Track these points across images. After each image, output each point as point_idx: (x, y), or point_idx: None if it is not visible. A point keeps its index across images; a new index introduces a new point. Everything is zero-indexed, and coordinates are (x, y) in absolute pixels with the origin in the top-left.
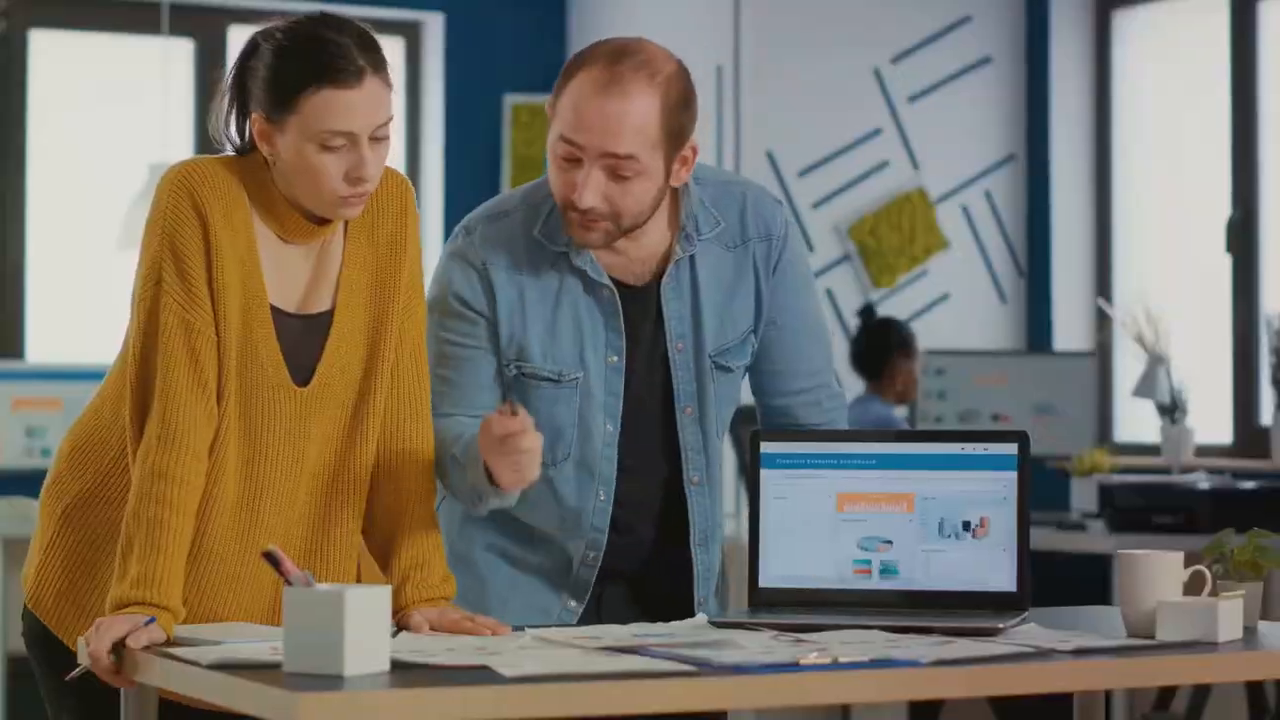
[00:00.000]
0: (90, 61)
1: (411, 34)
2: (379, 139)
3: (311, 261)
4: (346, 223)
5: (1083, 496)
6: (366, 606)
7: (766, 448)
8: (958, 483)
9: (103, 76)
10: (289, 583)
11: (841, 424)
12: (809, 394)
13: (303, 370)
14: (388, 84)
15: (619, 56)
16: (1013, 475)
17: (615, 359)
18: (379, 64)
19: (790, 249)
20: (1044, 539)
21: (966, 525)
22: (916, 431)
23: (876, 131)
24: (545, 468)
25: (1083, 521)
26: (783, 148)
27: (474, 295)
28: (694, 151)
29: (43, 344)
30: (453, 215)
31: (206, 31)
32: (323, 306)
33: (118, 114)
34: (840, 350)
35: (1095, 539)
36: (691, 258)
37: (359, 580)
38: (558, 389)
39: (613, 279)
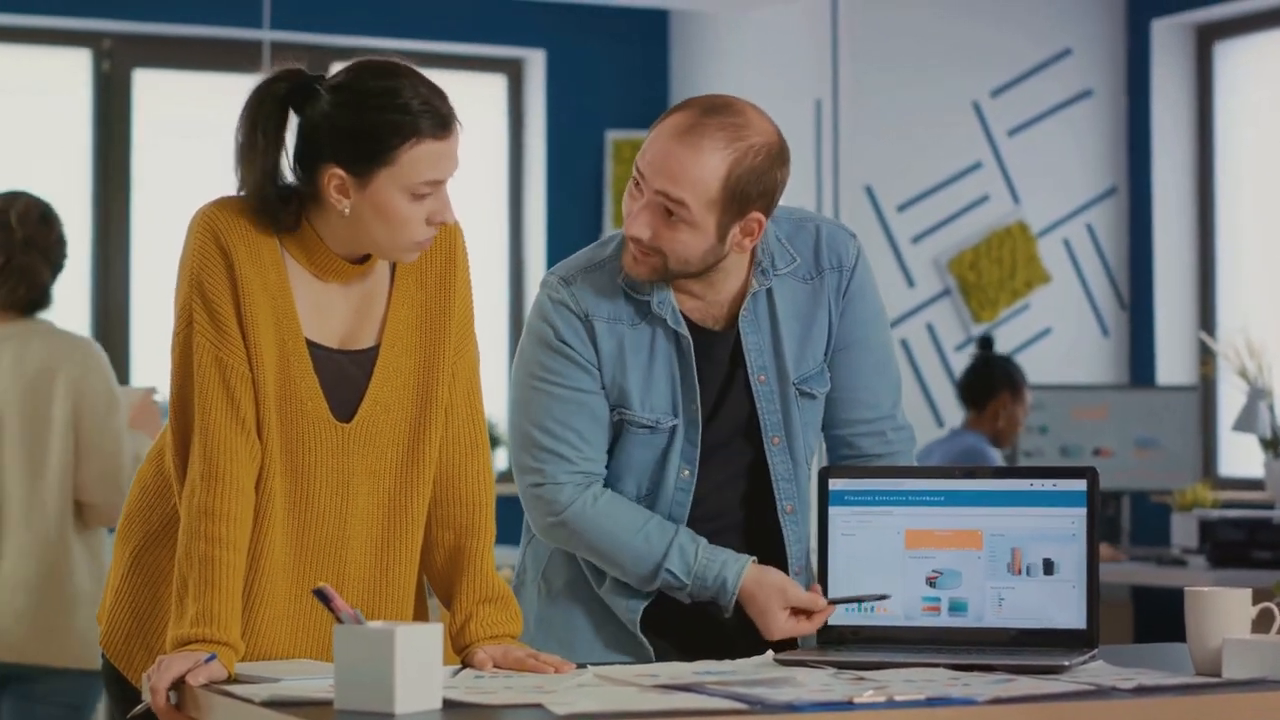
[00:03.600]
0: (192, 100)
1: (513, 71)
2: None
3: (353, 300)
4: (395, 264)
5: (1184, 532)
6: (418, 644)
7: (835, 484)
8: (1027, 519)
9: (205, 114)
10: (340, 620)
11: (907, 458)
12: (872, 424)
13: (346, 406)
14: (461, 128)
15: (713, 110)
16: (1082, 511)
17: (694, 408)
18: (453, 110)
19: (859, 278)
20: (1144, 574)
21: (1036, 562)
22: (985, 468)
23: (976, 165)
24: None
25: (1183, 557)
26: (882, 182)
27: (583, 344)
28: (759, 225)
29: (148, 377)
30: (555, 250)
31: (310, 70)
32: (368, 343)
33: (220, 151)
34: (945, 384)
35: (1195, 574)
36: (769, 291)
37: (421, 619)
38: (652, 435)
39: (695, 324)
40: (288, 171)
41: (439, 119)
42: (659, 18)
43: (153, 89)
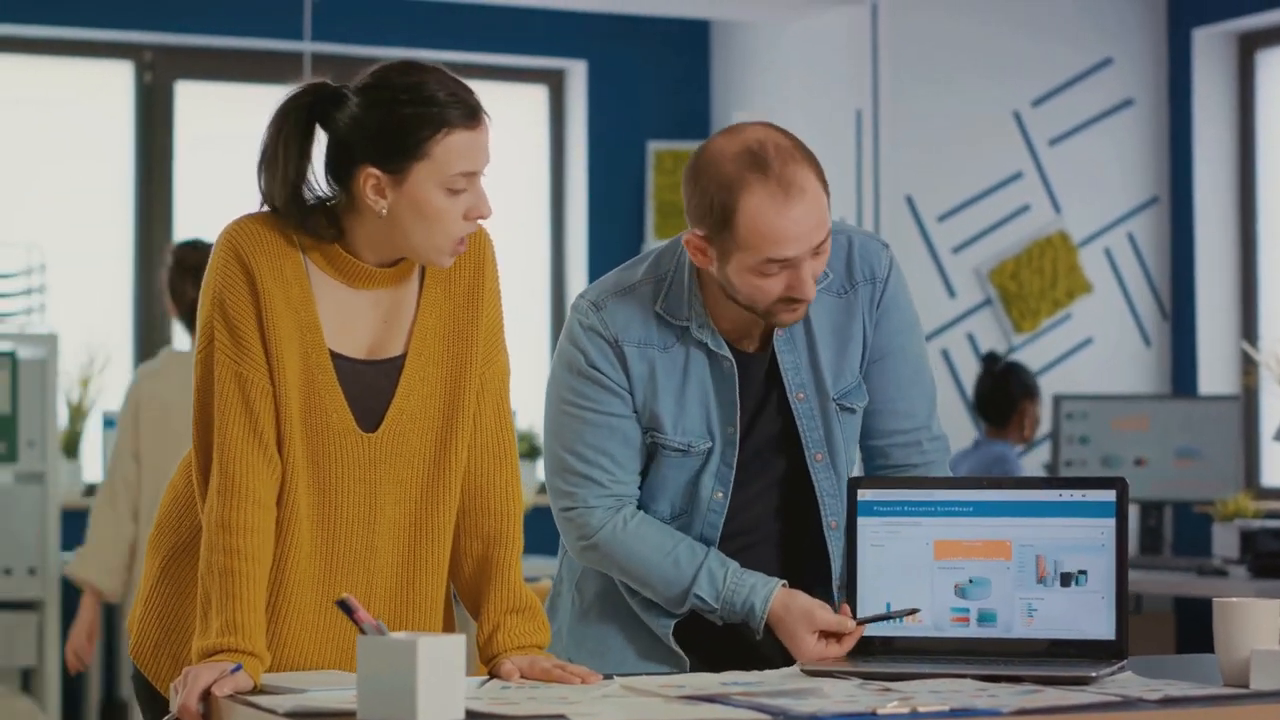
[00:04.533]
0: (234, 111)
1: (555, 82)
2: (482, 176)
3: (381, 308)
4: (423, 272)
5: (1225, 542)
6: (440, 655)
7: (863, 495)
8: (1056, 530)
9: (246, 125)
10: (362, 631)
11: (942, 468)
12: (909, 435)
13: (372, 416)
14: (490, 120)
15: (764, 161)
16: (1111, 522)
17: (731, 430)
18: (481, 105)
19: (893, 289)
20: (1185, 584)
21: (1065, 573)
22: (1014, 479)
23: (1017, 175)
24: None
25: (1224, 567)
26: (922, 192)
27: (613, 369)
28: None
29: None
30: (596, 260)
31: (348, 80)
32: (395, 352)
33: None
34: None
35: (1236, 585)
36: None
37: (449, 630)
38: (685, 458)
39: (731, 347)
40: (318, 185)
41: (467, 109)
42: (700, 28)
43: (194, 100)
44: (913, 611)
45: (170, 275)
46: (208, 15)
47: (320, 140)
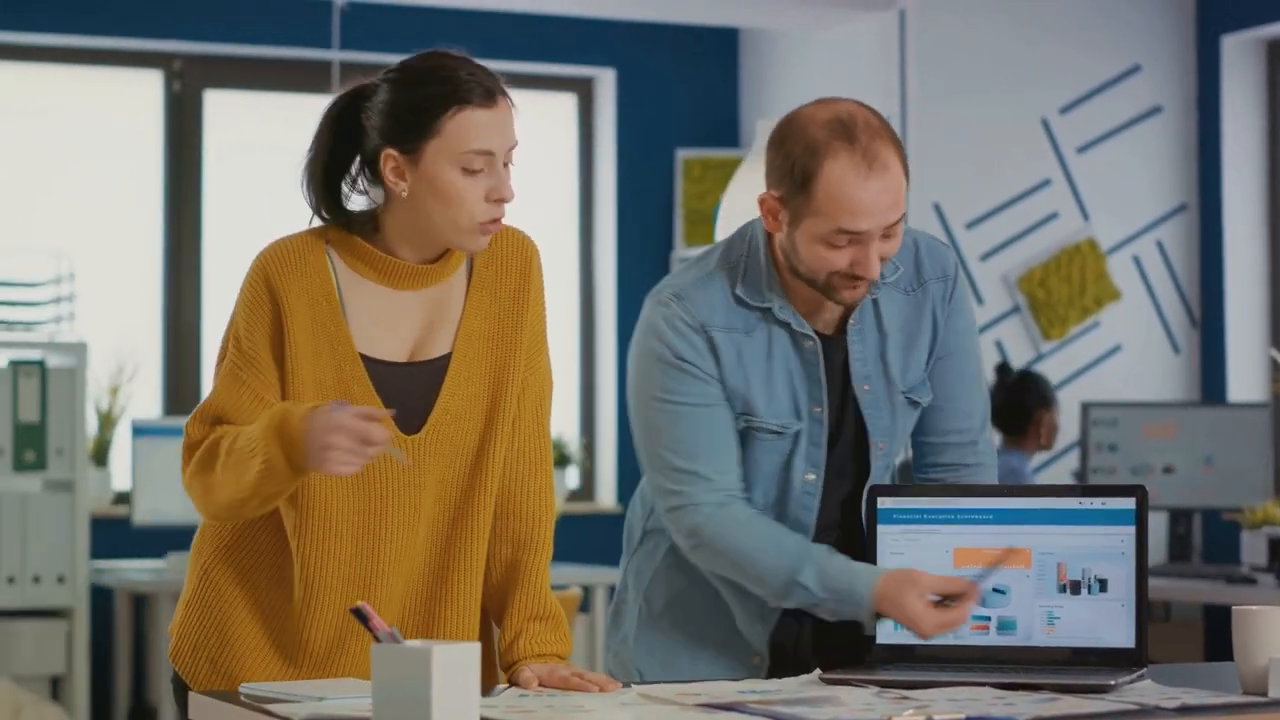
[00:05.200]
0: (262, 120)
1: (584, 90)
2: (508, 164)
3: (425, 310)
4: (470, 275)
5: (1254, 549)
6: (454, 663)
7: (883, 503)
8: (1076, 538)
9: (275, 134)
10: (377, 639)
11: (990, 471)
12: (965, 434)
13: (416, 417)
14: (513, 106)
15: (852, 132)
16: (1131, 530)
17: (818, 409)
18: (504, 87)
19: (961, 288)
20: (1213, 592)
21: (1085, 581)
22: (1033, 486)
23: (1046, 182)
24: None
25: (1253, 575)
26: (950, 199)
27: (700, 358)
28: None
29: None
30: (625, 268)
31: None
32: (440, 352)
33: (290, 172)
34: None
35: (1265, 592)
36: (874, 302)
37: (482, 635)
38: (779, 440)
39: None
40: (361, 188)
41: (483, 89)
42: (729, 36)
43: (223, 109)
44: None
45: None
46: (236, 24)
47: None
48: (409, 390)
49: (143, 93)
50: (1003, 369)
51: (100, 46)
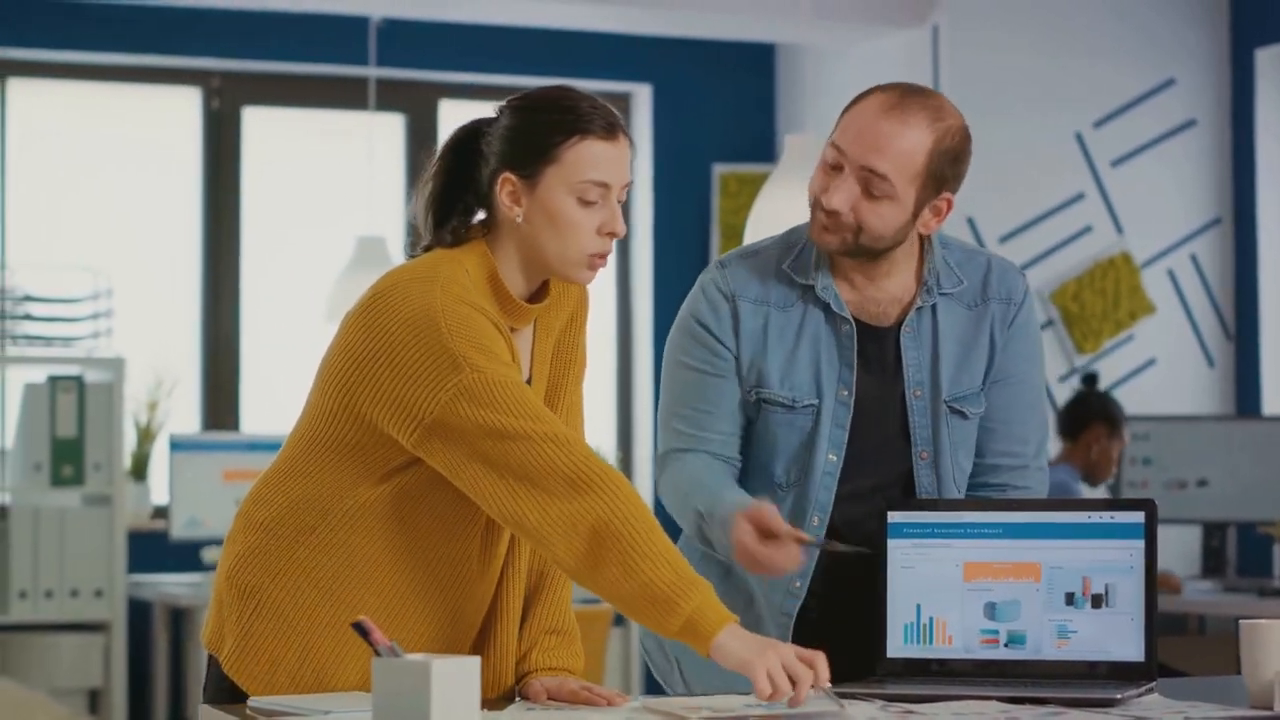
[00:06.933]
0: (300, 136)
1: (621, 105)
2: (622, 200)
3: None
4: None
5: None
6: (455, 677)
7: (893, 517)
8: (1085, 551)
9: (312, 150)
10: (377, 653)
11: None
12: (1018, 458)
13: None
14: (632, 145)
15: (914, 92)
16: (1140, 544)
17: (845, 393)
18: (625, 126)
19: (1025, 314)
20: (1246, 606)
21: (1095, 594)
22: (1043, 500)
23: (1079, 196)
24: (772, 491)
25: None
26: (984, 213)
27: (719, 325)
28: (948, 204)
29: (256, 416)
30: (661, 282)
31: (417, 106)
32: (523, 375)
33: (327, 188)
34: (1048, 415)
35: None
36: (933, 308)
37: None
38: (792, 415)
39: (853, 316)
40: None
41: (606, 122)
42: (765, 51)
43: (261, 125)
44: (869, 553)
45: None
46: (274, 42)
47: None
48: None
49: (182, 109)
50: (1087, 379)
51: (139, 64)
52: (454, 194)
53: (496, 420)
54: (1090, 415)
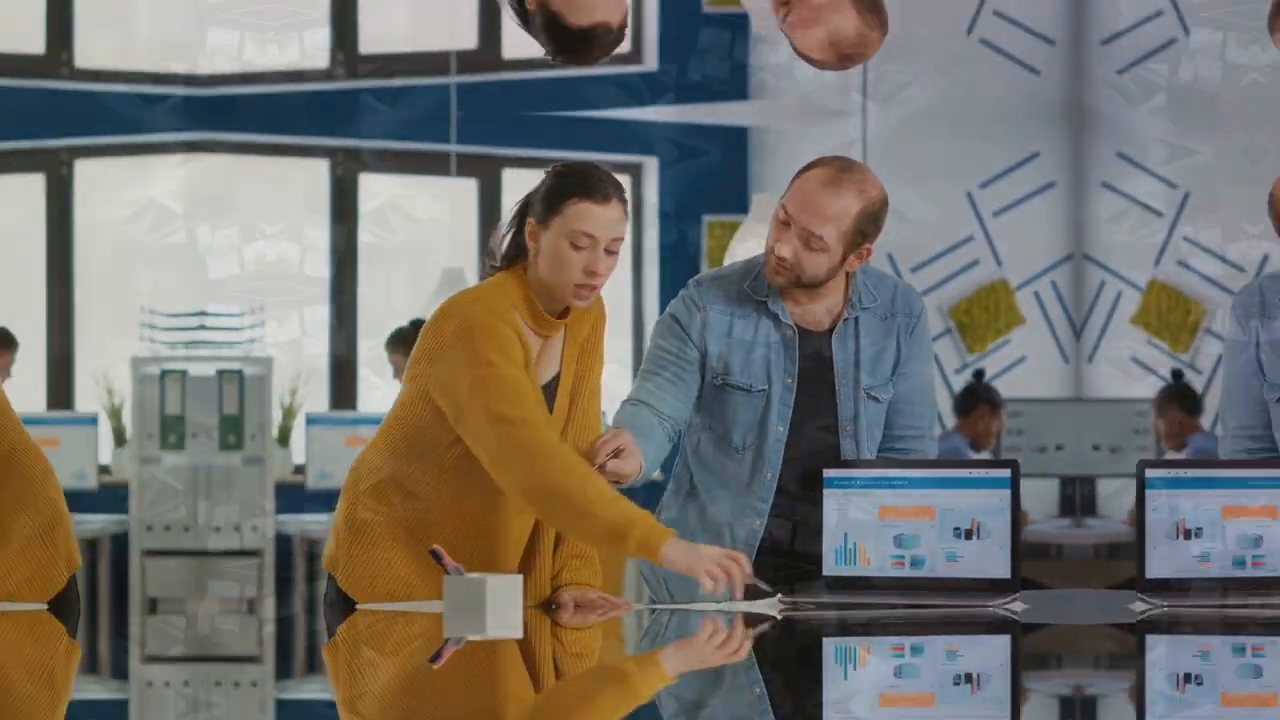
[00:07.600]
0: (400, 197)
1: (635, 172)
2: (611, 251)
3: (550, 344)
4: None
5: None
6: (503, 589)
7: (827, 474)
8: (967, 498)
9: (408, 206)
10: (447, 572)
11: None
12: (916, 429)
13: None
14: (626, 212)
15: (846, 168)
16: (1007, 492)
17: (789, 381)
18: (622, 196)
19: (922, 325)
20: (1087, 535)
21: (974, 528)
22: (936, 460)
23: (970, 238)
24: (731, 453)
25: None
26: (900, 250)
27: (690, 323)
28: (868, 251)
29: (369, 399)
30: (666, 299)
31: (486, 173)
32: (552, 374)
33: (421, 234)
34: (945, 398)
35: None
36: (856, 320)
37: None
38: (749, 397)
39: (796, 324)
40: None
41: (602, 191)
42: (740, 133)
43: (373, 188)
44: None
45: None
46: (381, 123)
47: None
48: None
49: (312, 177)
50: (977, 374)
51: (278, 143)
52: (514, 235)
53: (496, 406)
54: (977, 399)
